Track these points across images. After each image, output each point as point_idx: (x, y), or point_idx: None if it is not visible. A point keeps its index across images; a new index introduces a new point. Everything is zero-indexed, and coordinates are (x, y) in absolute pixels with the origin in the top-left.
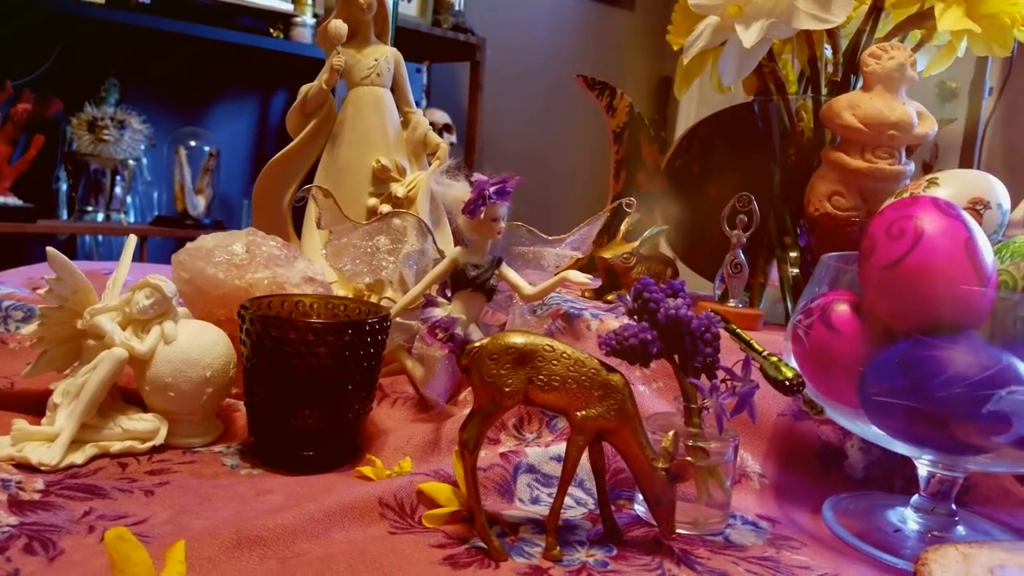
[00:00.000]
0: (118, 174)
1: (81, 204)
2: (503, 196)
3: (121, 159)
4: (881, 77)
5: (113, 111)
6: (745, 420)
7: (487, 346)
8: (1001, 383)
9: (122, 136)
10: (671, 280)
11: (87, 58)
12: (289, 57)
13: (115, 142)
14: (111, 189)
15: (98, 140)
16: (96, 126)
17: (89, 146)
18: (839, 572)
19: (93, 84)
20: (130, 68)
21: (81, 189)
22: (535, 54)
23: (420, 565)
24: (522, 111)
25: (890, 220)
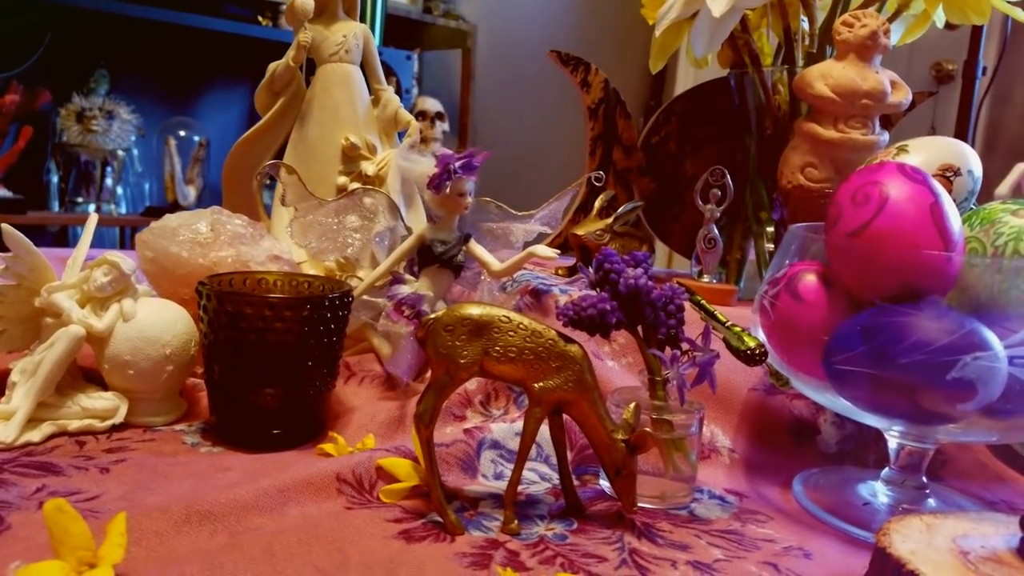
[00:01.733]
0: (108, 165)
1: (72, 195)
2: (469, 171)
3: (110, 150)
4: (853, 46)
5: (102, 102)
6: (716, 395)
7: (442, 318)
8: (965, 349)
9: (111, 127)
10: (634, 252)
11: (76, 49)
12: (278, 45)
13: (104, 133)
14: (101, 180)
15: (87, 131)
16: (84, 117)
17: (78, 137)
18: (804, 545)
19: (83, 75)
20: (119, 58)
21: (72, 180)
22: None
23: (373, 539)
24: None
25: (855, 187)
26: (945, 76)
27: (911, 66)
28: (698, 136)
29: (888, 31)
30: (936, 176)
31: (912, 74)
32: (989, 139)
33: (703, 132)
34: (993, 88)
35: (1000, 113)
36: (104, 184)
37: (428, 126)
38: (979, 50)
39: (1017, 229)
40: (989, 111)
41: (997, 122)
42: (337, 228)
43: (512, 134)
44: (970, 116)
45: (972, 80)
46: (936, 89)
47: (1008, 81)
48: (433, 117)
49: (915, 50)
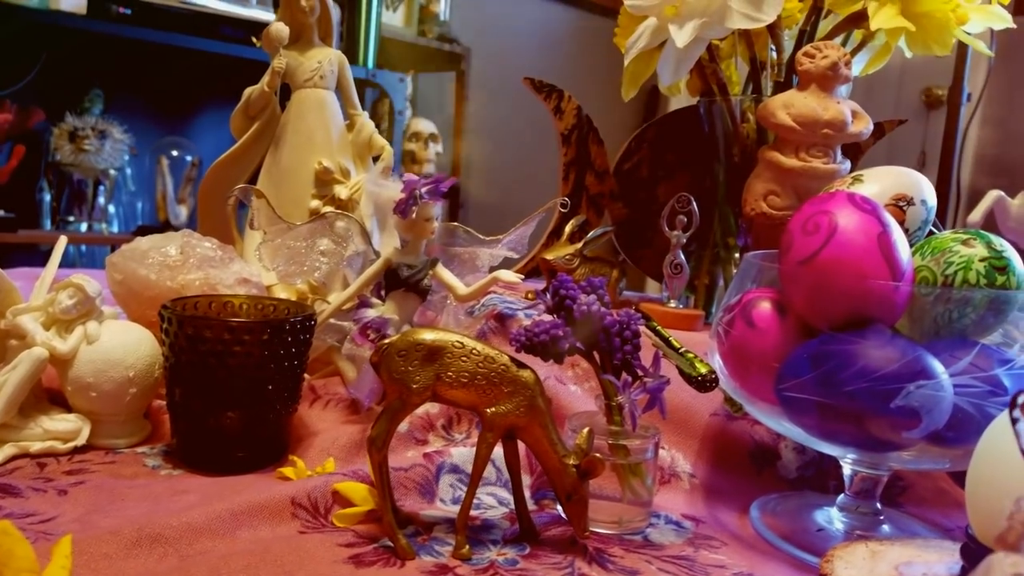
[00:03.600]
0: (100, 184)
1: (64, 214)
2: (435, 196)
3: (102, 169)
4: (815, 76)
5: (94, 121)
6: (677, 420)
7: (396, 343)
8: (910, 377)
9: (103, 146)
10: (590, 278)
11: (71, 69)
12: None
13: (96, 152)
14: (93, 199)
15: (79, 150)
16: (77, 136)
17: (70, 156)
18: (754, 571)
19: (77, 95)
20: (114, 79)
21: (64, 199)
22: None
23: (323, 564)
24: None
25: (806, 216)
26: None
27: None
28: (670, 163)
29: (849, 62)
30: (889, 206)
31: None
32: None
33: (674, 159)
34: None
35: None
36: (96, 203)
37: (422, 147)
38: (964, 76)
39: (967, 258)
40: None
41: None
42: (305, 251)
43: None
44: (955, 141)
45: (957, 106)
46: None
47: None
48: (427, 139)
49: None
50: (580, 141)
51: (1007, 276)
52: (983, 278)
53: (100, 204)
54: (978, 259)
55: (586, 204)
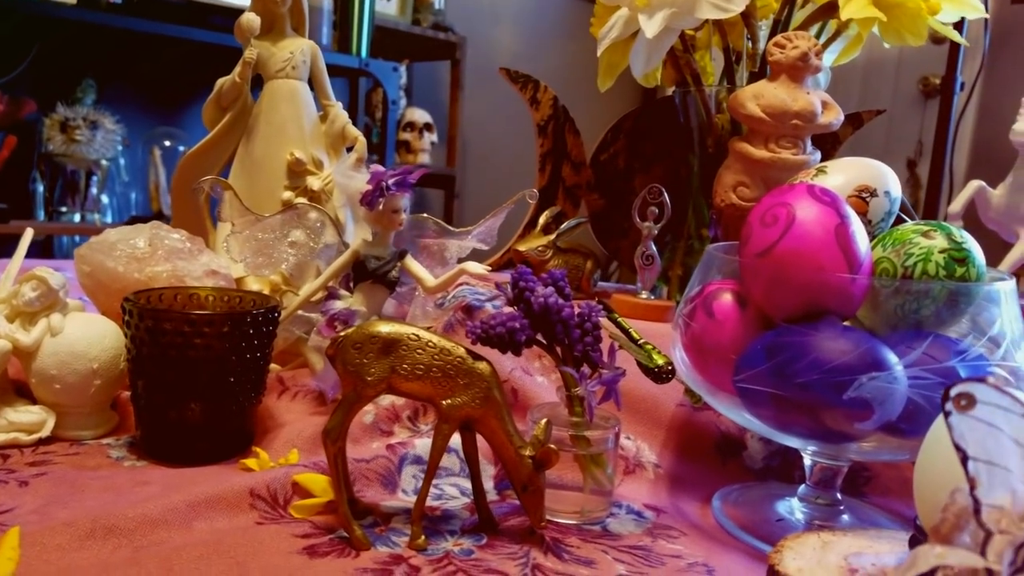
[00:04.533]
0: (92, 175)
1: (57, 205)
2: (403, 188)
3: (94, 159)
4: (785, 66)
5: (86, 112)
6: (642, 409)
7: (351, 335)
8: (862, 369)
9: (95, 136)
10: (552, 270)
11: (63, 59)
12: None
13: (87, 143)
14: (86, 190)
15: (70, 141)
16: (68, 126)
17: (62, 147)
18: (710, 561)
19: (69, 85)
20: (106, 69)
21: (58, 190)
22: (516, 53)
23: (276, 555)
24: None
25: (765, 208)
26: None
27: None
28: (646, 153)
29: (820, 52)
30: (852, 197)
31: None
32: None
33: (651, 150)
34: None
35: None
36: (89, 194)
37: (416, 137)
38: (957, 65)
39: (926, 250)
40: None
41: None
42: (274, 243)
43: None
44: (948, 130)
45: (950, 95)
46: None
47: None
48: (421, 128)
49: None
50: (556, 132)
51: (967, 268)
52: (942, 270)
53: (93, 195)
54: (938, 250)
55: (562, 195)
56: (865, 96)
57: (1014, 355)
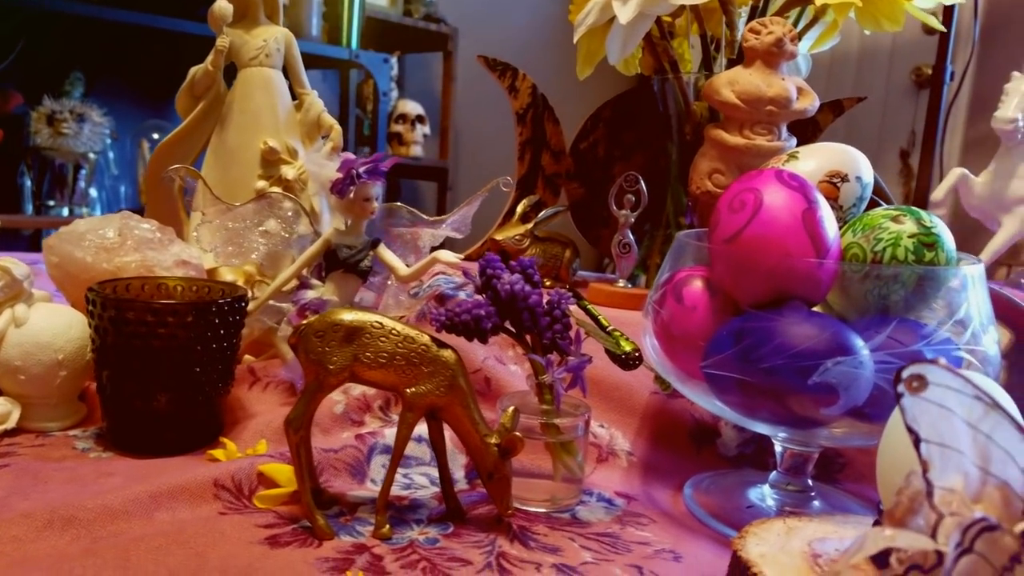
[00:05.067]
0: (80, 168)
1: (45, 199)
2: (374, 175)
3: (82, 153)
4: (760, 52)
5: (73, 104)
6: (616, 397)
7: (313, 323)
8: (826, 354)
9: (82, 130)
10: (521, 258)
11: (51, 52)
12: None
13: (75, 136)
14: (74, 183)
15: (57, 134)
16: (55, 120)
17: (48, 140)
18: (678, 548)
19: (58, 78)
20: (94, 61)
21: (46, 184)
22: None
23: (237, 544)
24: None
25: (733, 193)
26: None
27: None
28: (626, 141)
29: (795, 38)
30: (823, 183)
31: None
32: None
33: (631, 138)
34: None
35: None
36: (77, 187)
37: (408, 129)
38: (947, 55)
39: (896, 234)
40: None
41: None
42: (244, 232)
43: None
44: (938, 120)
45: (940, 84)
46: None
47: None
48: (414, 120)
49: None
50: (536, 120)
51: (936, 252)
52: (911, 254)
53: (81, 188)
54: (907, 235)
55: (542, 184)
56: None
57: (981, 339)
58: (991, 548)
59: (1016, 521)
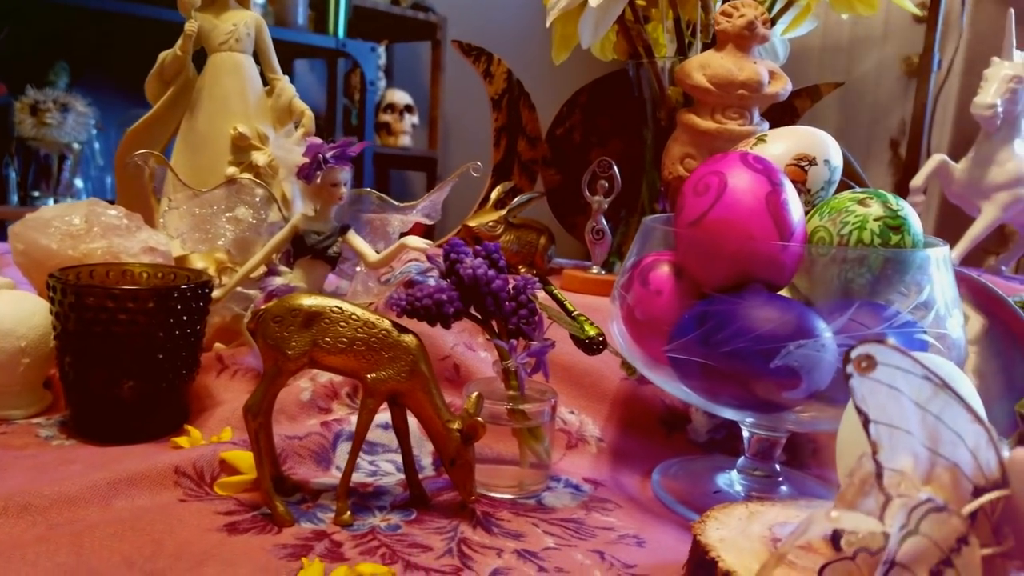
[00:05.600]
0: (65, 159)
1: (30, 189)
2: (341, 161)
3: (66, 143)
4: (732, 35)
5: (57, 95)
6: (586, 383)
7: (272, 308)
8: (787, 337)
9: (65, 120)
10: (486, 243)
11: (36, 41)
12: None
13: (58, 126)
14: (59, 174)
15: (41, 124)
16: (38, 110)
17: (32, 130)
18: (641, 533)
19: (42, 68)
20: (80, 52)
21: (32, 174)
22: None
23: (194, 531)
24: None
25: (698, 176)
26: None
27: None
28: (603, 127)
29: (767, 21)
30: (791, 166)
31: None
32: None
33: (608, 123)
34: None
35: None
36: (62, 178)
37: (397, 119)
38: (935, 43)
39: (862, 218)
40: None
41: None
42: (211, 218)
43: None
44: (925, 108)
45: (928, 73)
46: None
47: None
48: (402, 110)
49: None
50: (511, 106)
51: (902, 235)
52: (877, 237)
53: (66, 179)
54: (873, 218)
55: (518, 170)
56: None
57: (945, 322)
58: (938, 529)
59: (965, 503)
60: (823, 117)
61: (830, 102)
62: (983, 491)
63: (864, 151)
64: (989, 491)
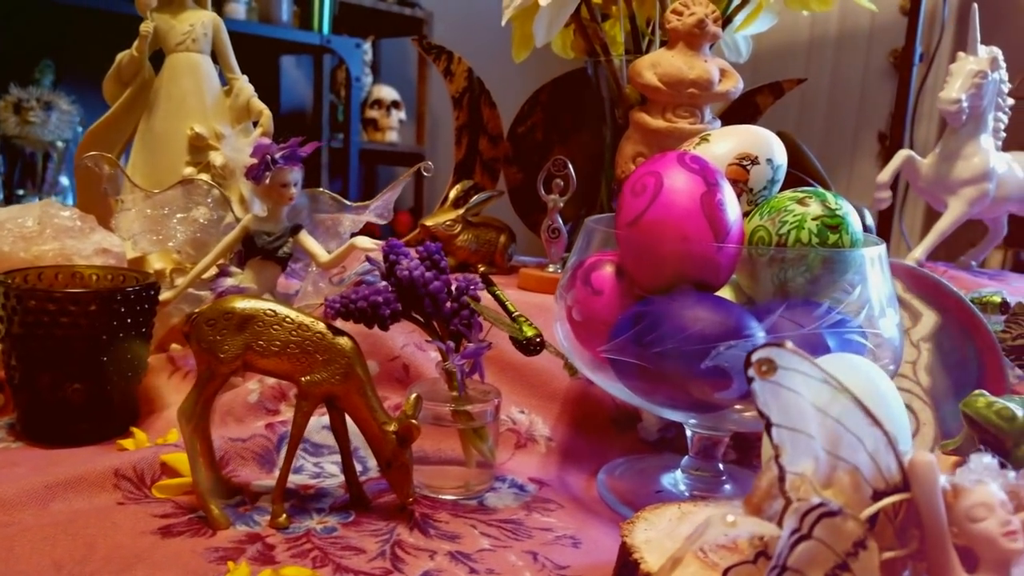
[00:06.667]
0: (50, 157)
1: (16, 188)
2: (291, 161)
3: (50, 141)
4: (682, 34)
5: (41, 93)
6: (537, 382)
7: (205, 311)
8: (717, 337)
9: (49, 118)
10: (427, 243)
11: (20, 40)
12: None
13: (42, 124)
14: (43, 172)
15: (24, 122)
16: (22, 108)
17: (15, 128)
18: (579, 534)
19: (27, 66)
20: (65, 50)
21: (17, 173)
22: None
23: (129, 534)
24: None
25: (637, 177)
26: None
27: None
28: (565, 125)
29: (718, 19)
30: (732, 165)
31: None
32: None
33: (570, 121)
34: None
35: None
36: (47, 176)
37: (384, 115)
38: (916, 36)
39: (800, 217)
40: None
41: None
42: (162, 220)
43: None
44: (907, 102)
45: (909, 66)
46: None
47: None
48: (389, 106)
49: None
50: (472, 104)
51: (840, 235)
52: (815, 237)
53: (51, 177)
54: (811, 218)
55: (480, 169)
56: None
57: (878, 321)
58: (832, 534)
59: (865, 506)
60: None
61: (818, 96)
62: (883, 495)
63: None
64: (890, 494)
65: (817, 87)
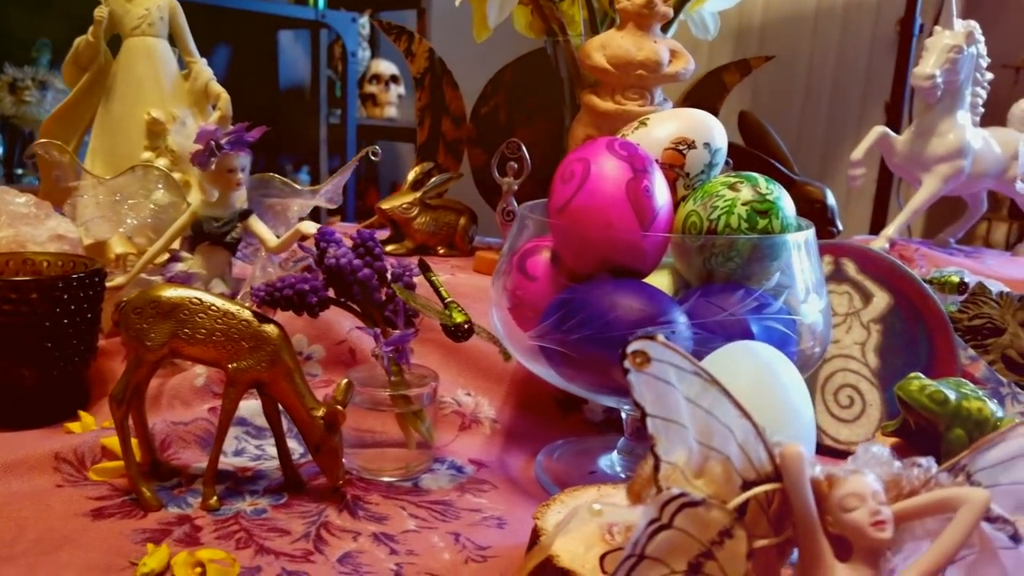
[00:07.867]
0: None
1: (15, 167)
2: (239, 146)
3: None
4: (632, 14)
5: (36, 72)
6: (483, 365)
7: (133, 300)
8: (635, 323)
9: (44, 97)
10: (360, 230)
11: (16, 19)
12: (221, 12)
13: (37, 103)
14: None
15: (20, 102)
16: (17, 88)
17: (11, 108)
18: (507, 516)
19: (23, 45)
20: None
21: (17, 152)
22: None
23: (60, 517)
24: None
25: (566, 163)
26: None
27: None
28: (529, 106)
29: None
30: (668, 149)
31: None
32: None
33: (533, 103)
34: None
35: None
36: None
37: (382, 90)
38: (916, 7)
39: (730, 202)
40: None
41: None
42: (113, 206)
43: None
44: (906, 74)
45: (909, 39)
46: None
47: None
48: (387, 80)
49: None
50: (434, 85)
51: (769, 220)
52: (744, 222)
53: None
54: (741, 203)
55: (443, 150)
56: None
57: (799, 307)
58: (694, 523)
59: (735, 495)
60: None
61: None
62: (753, 484)
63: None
64: (760, 484)
65: (824, 57)
